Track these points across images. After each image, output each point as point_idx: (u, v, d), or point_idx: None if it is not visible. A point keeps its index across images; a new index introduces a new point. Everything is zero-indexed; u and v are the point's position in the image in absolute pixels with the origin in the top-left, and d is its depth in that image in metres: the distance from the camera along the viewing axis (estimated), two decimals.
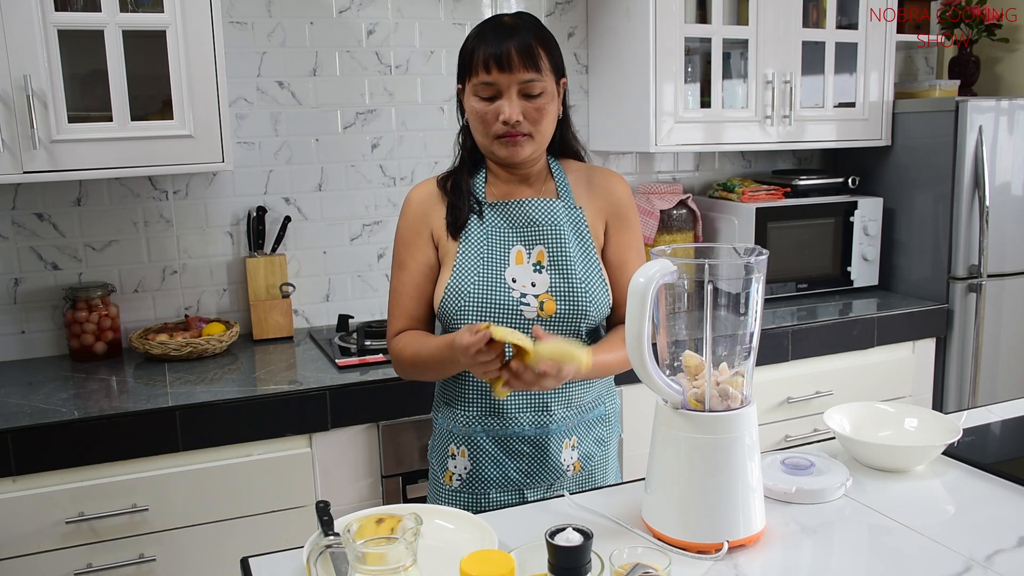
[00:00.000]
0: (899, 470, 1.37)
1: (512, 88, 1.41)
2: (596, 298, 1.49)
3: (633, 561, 0.96)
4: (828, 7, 2.73)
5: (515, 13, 1.48)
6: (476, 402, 1.51)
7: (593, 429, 1.57)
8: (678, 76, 2.53)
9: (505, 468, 1.51)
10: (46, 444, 1.77)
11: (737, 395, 1.14)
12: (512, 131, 1.43)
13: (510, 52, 1.40)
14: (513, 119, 1.41)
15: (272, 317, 2.43)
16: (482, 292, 1.46)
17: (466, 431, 1.52)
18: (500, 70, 1.40)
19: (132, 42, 2.02)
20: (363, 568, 0.87)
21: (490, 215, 1.52)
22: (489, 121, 1.44)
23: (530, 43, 1.41)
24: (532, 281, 1.48)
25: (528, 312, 1.46)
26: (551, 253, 1.49)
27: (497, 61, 1.40)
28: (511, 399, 1.49)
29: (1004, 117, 2.66)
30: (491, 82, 1.42)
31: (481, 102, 1.44)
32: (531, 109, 1.43)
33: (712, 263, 1.14)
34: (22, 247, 2.28)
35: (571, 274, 1.48)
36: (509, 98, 1.42)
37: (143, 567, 1.86)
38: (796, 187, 2.82)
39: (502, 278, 1.47)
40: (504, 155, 1.47)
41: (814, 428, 2.56)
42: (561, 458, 1.52)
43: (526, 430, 1.49)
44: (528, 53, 1.41)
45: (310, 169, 2.53)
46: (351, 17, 2.51)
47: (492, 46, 1.41)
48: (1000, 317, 2.76)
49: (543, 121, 1.45)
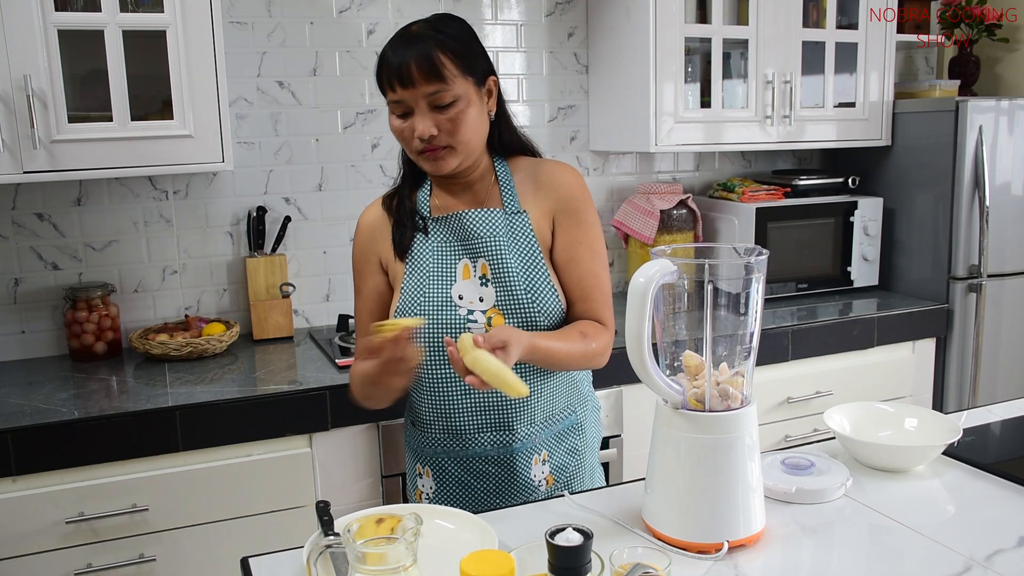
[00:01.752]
0: (899, 470, 1.37)
1: (420, 103, 1.35)
2: (544, 307, 1.43)
3: (633, 561, 0.96)
4: (828, 7, 2.73)
5: (425, 20, 1.40)
6: (435, 424, 1.47)
7: (564, 440, 1.52)
8: (678, 76, 2.53)
9: (471, 488, 1.47)
10: (46, 444, 1.77)
11: (737, 395, 1.14)
12: (430, 147, 1.37)
13: (409, 67, 1.33)
14: (426, 135, 1.35)
15: (272, 317, 2.43)
16: (427, 312, 1.42)
17: (429, 452, 1.50)
18: (403, 87, 1.34)
19: (132, 42, 2.02)
20: (363, 568, 0.87)
21: (435, 230, 1.47)
22: (407, 138, 1.39)
23: (429, 53, 1.33)
24: (480, 296, 1.43)
25: (476, 329, 1.41)
26: (493, 266, 1.43)
27: (399, 78, 1.34)
28: (468, 419, 1.44)
29: (1004, 117, 2.66)
30: (398, 100, 1.36)
31: (397, 120, 1.39)
32: (444, 121, 1.36)
33: (712, 263, 1.14)
34: (22, 247, 2.28)
35: (514, 287, 1.42)
36: (420, 113, 1.35)
37: (143, 567, 1.86)
38: (796, 187, 2.82)
39: (448, 297, 1.43)
40: (430, 170, 1.43)
41: (814, 428, 2.56)
42: (531, 474, 1.47)
43: (488, 450, 1.45)
44: (428, 64, 1.33)
45: (310, 169, 2.53)
46: (351, 17, 2.51)
47: (392, 63, 1.35)
48: (1000, 317, 2.76)
49: (460, 131, 1.37)
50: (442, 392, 1.45)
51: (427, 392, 1.46)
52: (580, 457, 1.55)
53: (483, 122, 1.42)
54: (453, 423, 1.45)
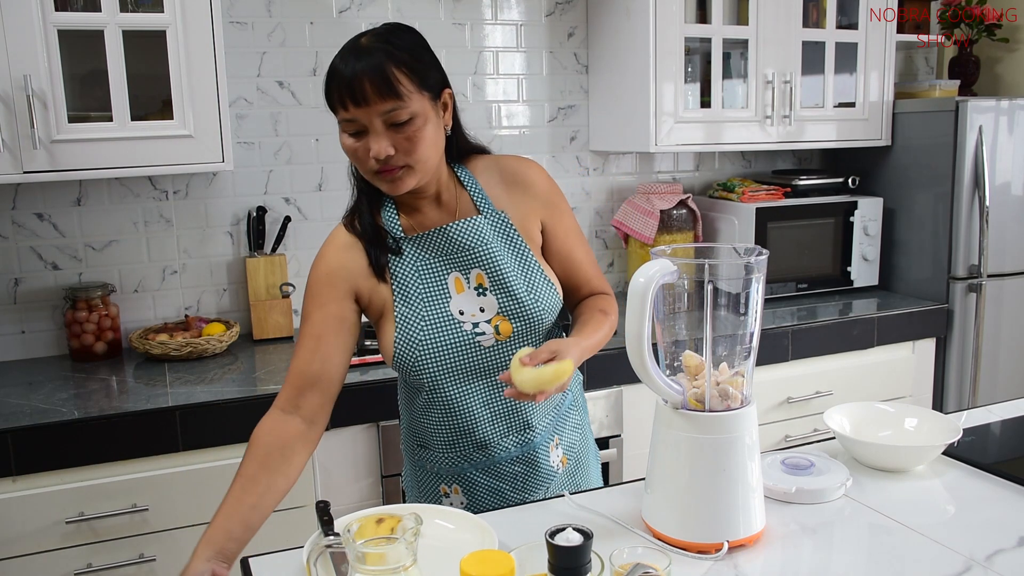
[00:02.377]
0: (899, 470, 1.37)
1: (374, 121, 1.25)
2: (545, 304, 1.41)
3: (633, 561, 0.96)
4: (828, 7, 2.73)
5: (375, 32, 1.30)
6: (459, 443, 1.44)
7: (569, 418, 1.54)
8: (678, 76, 2.53)
9: (500, 491, 1.46)
10: (46, 444, 1.77)
11: (737, 395, 1.14)
12: (386, 167, 1.29)
13: (362, 84, 1.23)
14: (383, 155, 1.27)
15: (272, 317, 2.43)
16: (433, 336, 1.36)
17: (456, 470, 1.47)
18: (356, 105, 1.24)
19: (132, 42, 2.02)
20: (363, 568, 0.87)
21: (410, 250, 1.40)
22: (362, 158, 1.30)
23: (383, 68, 1.24)
24: (480, 307, 1.38)
25: (486, 341, 1.37)
26: (490, 275, 1.39)
27: (351, 96, 1.24)
28: (492, 429, 1.43)
29: (1004, 117, 2.66)
30: (351, 119, 1.27)
31: (350, 138, 1.29)
32: (401, 140, 1.27)
33: (712, 263, 1.14)
34: (22, 247, 2.28)
35: (515, 290, 1.39)
36: (374, 132, 1.26)
37: (143, 567, 1.86)
38: (796, 187, 2.82)
39: (448, 314, 1.37)
40: (387, 190, 1.34)
41: (814, 428, 2.56)
42: (550, 461, 1.48)
43: (513, 452, 1.44)
44: (382, 81, 1.23)
45: (310, 169, 2.53)
46: (351, 17, 2.51)
47: (343, 79, 1.24)
48: (1000, 317, 2.76)
49: (418, 150, 1.29)
50: (462, 410, 1.41)
51: (447, 414, 1.42)
52: (583, 431, 1.57)
53: (440, 137, 1.35)
54: (479, 436, 1.42)
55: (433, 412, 1.43)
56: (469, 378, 1.39)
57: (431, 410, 1.43)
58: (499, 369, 1.39)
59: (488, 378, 1.40)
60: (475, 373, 1.39)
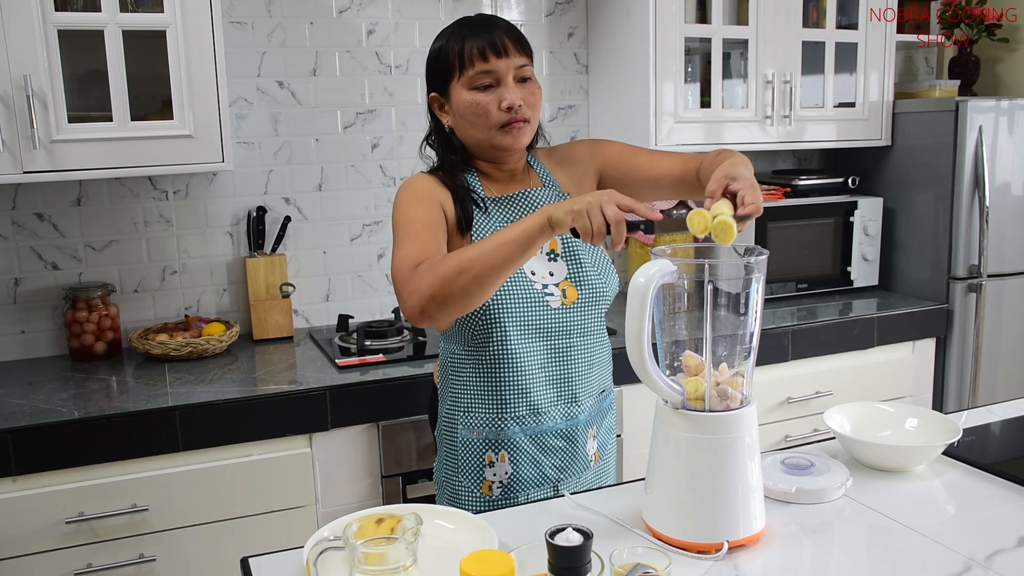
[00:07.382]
0: (899, 470, 1.37)
1: (509, 74, 1.42)
2: (608, 279, 1.52)
3: (633, 561, 0.96)
4: (828, 7, 2.73)
5: (478, 14, 1.50)
6: (512, 403, 1.47)
7: (606, 418, 1.60)
8: (678, 76, 2.53)
9: (541, 466, 1.50)
10: (46, 444, 1.77)
11: (737, 395, 1.14)
12: (515, 117, 1.42)
13: (504, 39, 1.42)
14: (516, 103, 1.41)
15: (272, 317, 2.43)
16: (506, 288, 1.43)
17: (505, 435, 1.48)
18: (497, 56, 1.41)
19: (132, 42, 2.02)
20: (363, 568, 0.87)
21: (495, 210, 1.50)
22: (491, 110, 1.42)
23: (516, 30, 1.45)
24: (549, 271, 1.48)
25: (553, 302, 1.46)
26: (563, 241, 1.49)
27: (493, 49, 1.41)
28: (544, 393, 1.47)
29: (1004, 117, 2.66)
30: (489, 70, 1.41)
31: (479, 93, 1.42)
32: (527, 94, 1.44)
33: (712, 263, 1.14)
34: (22, 247, 2.28)
35: (582, 260, 1.49)
36: (506, 85, 1.42)
37: (143, 567, 1.86)
38: (796, 187, 2.82)
39: (521, 271, 1.45)
40: (507, 143, 1.45)
41: (814, 428, 2.56)
42: (587, 449, 1.54)
43: (559, 424, 1.50)
44: (518, 39, 1.44)
45: (310, 169, 2.53)
46: (351, 17, 2.51)
47: (482, 37, 1.41)
48: (1000, 317, 2.76)
49: (537, 106, 1.47)
50: (521, 368, 1.46)
51: (506, 370, 1.46)
52: (613, 433, 1.64)
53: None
54: (533, 398, 1.47)
55: (491, 370, 1.47)
56: (533, 336, 1.46)
57: (489, 368, 1.47)
58: (562, 332, 1.47)
59: (549, 340, 1.47)
60: (539, 332, 1.46)
